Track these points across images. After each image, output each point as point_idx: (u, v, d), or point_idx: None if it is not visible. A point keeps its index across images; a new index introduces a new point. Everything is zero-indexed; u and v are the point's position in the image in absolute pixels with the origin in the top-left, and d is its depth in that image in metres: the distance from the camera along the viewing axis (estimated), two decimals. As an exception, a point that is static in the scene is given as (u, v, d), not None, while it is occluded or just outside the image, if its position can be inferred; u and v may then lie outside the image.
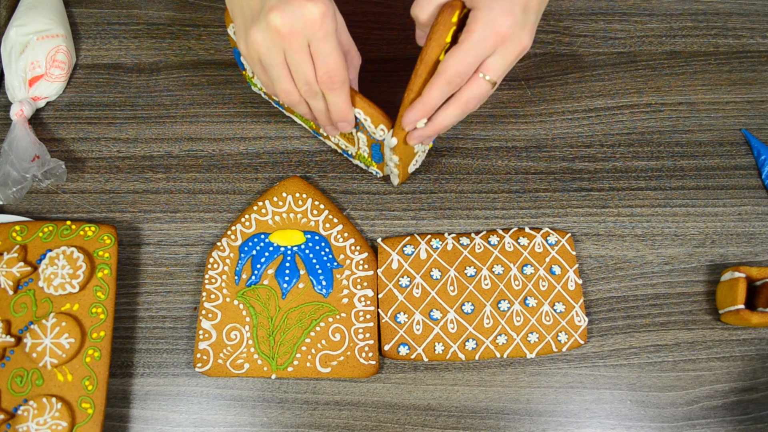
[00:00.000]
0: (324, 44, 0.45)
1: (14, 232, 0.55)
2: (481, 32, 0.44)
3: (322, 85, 0.47)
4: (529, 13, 0.46)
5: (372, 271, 0.56)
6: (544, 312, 0.55)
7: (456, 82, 0.46)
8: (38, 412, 0.49)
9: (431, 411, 0.54)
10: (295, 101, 0.49)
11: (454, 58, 0.45)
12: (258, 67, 0.48)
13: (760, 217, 0.60)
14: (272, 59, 0.46)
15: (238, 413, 0.53)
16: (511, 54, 0.46)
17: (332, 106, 0.49)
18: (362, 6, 0.68)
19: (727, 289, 0.55)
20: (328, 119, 0.51)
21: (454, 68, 0.45)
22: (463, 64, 0.45)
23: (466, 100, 0.48)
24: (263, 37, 0.45)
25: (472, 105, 0.48)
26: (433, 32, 0.46)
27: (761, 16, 0.69)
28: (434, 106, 0.48)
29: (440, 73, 0.46)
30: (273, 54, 0.46)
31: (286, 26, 0.44)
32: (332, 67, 0.46)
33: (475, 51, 0.45)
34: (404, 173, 0.57)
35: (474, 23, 0.45)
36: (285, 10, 0.43)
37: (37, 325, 0.51)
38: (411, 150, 0.54)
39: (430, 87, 0.47)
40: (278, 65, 0.46)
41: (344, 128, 0.51)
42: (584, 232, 0.59)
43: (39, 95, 0.62)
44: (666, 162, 0.62)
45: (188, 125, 0.63)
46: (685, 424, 0.53)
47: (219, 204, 0.60)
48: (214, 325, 0.54)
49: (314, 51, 0.45)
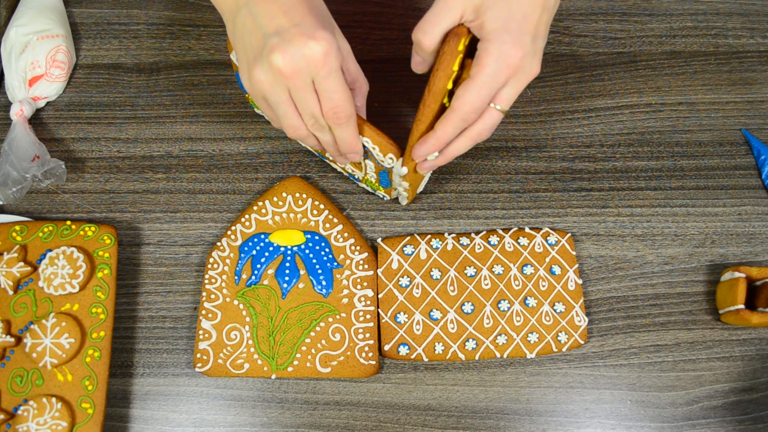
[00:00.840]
0: (328, 81, 0.44)
1: (14, 232, 0.55)
2: (494, 66, 0.44)
3: (329, 120, 0.47)
4: (538, 40, 0.45)
5: (372, 271, 0.56)
6: (544, 312, 0.55)
7: (471, 119, 0.46)
8: (38, 412, 0.49)
9: (431, 411, 0.54)
10: (303, 136, 0.49)
11: (468, 95, 0.45)
12: (263, 104, 0.48)
13: (760, 217, 0.60)
14: (277, 97, 0.46)
15: (238, 413, 0.53)
16: (522, 84, 0.46)
17: (340, 139, 0.49)
18: (362, 6, 0.68)
19: (727, 289, 0.55)
20: (337, 150, 0.51)
21: (469, 105, 0.45)
22: (478, 100, 0.45)
23: (478, 132, 0.48)
24: (266, 77, 0.44)
25: (485, 135, 0.48)
26: (440, 62, 0.45)
27: (761, 16, 0.69)
28: (447, 141, 0.48)
29: (455, 110, 0.46)
30: (277, 92, 0.45)
31: (288, 66, 0.43)
32: (338, 103, 0.45)
33: (489, 86, 0.45)
34: (413, 195, 0.57)
35: (486, 56, 0.44)
36: (286, 51, 0.43)
37: (37, 325, 0.51)
38: (420, 176, 0.54)
39: (445, 123, 0.47)
40: (283, 102, 0.46)
41: (353, 158, 0.51)
42: (584, 232, 0.59)
43: (39, 95, 0.62)
44: (666, 162, 0.62)
45: (188, 125, 0.63)
46: (685, 424, 0.53)
47: (219, 204, 0.60)
48: (214, 325, 0.54)
49: (318, 88, 0.45)
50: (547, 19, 0.46)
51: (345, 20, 0.68)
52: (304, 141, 0.50)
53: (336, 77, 0.44)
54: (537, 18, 0.44)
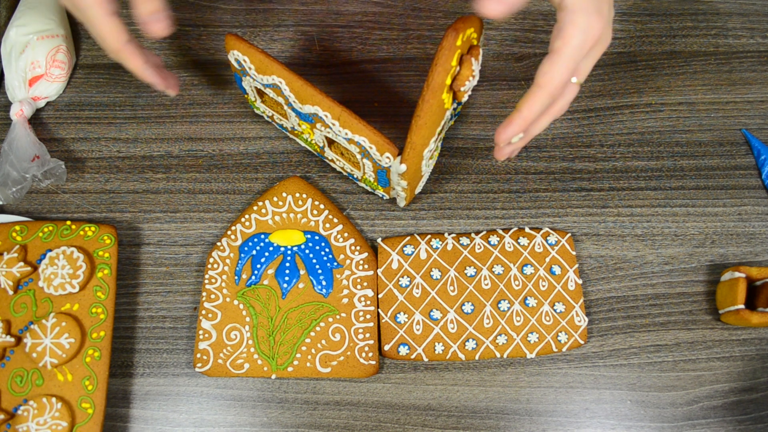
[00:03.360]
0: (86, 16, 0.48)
1: (14, 232, 0.55)
2: (581, 37, 0.42)
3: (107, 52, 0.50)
4: (611, 9, 0.44)
5: (372, 271, 0.56)
6: (544, 312, 0.55)
7: (558, 94, 0.44)
8: (38, 412, 0.49)
9: (431, 411, 0.54)
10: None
11: (557, 69, 0.43)
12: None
13: (760, 217, 0.60)
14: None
15: (238, 413, 0.53)
16: (598, 54, 0.45)
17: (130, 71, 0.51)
18: (362, 6, 0.68)
19: (727, 289, 0.55)
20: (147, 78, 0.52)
21: (558, 80, 0.43)
22: (567, 73, 0.43)
23: (561, 108, 0.46)
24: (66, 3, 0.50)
25: (563, 110, 0.47)
26: (438, 57, 0.45)
27: (761, 16, 0.69)
28: (533, 119, 0.46)
29: (542, 87, 0.44)
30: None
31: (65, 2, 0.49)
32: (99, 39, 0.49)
33: (575, 59, 0.43)
34: (411, 195, 0.57)
35: (572, 28, 0.42)
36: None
37: (37, 325, 0.51)
38: (419, 173, 0.54)
39: (532, 101, 0.45)
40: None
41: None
42: (584, 232, 0.59)
43: (39, 95, 0.62)
44: (666, 162, 0.62)
45: (188, 125, 0.63)
46: (685, 424, 0.53)
47: (219, 204, 0.60)
48: (214, 325, 0.54)
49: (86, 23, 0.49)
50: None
51: (345, 20, 0.68)
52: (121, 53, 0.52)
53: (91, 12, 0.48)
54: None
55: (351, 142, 0.52)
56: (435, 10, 0.68)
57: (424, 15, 0.68)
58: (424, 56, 0.66)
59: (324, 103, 0.50)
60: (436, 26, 0.67)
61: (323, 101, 0.50)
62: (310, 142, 0.59)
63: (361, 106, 0.53)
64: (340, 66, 0.65)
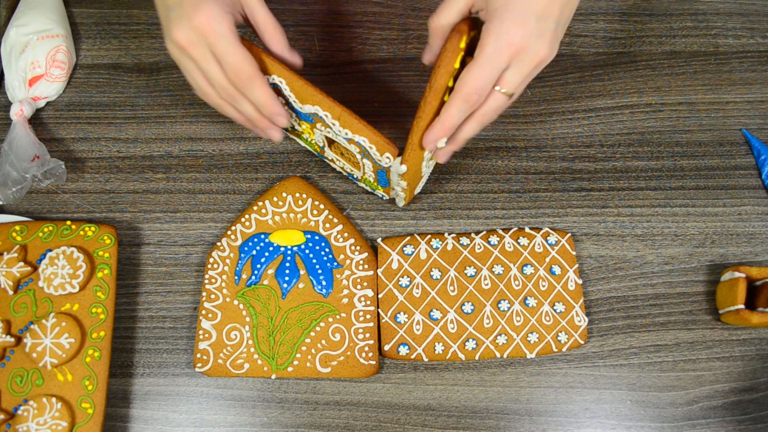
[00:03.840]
0: (219, 47, 0.46)
1: (14, 232, 0.55)
2: (494, 45, 0.43)
3: (235, 85, 0.48)
4: (547, 21, 0.43)
5: (372, 271, 0.56)
6: (544, 312, 0.55)
7: (474, 100, 0.45)
8: (38, 412, 0.49)
9: (431, 411, 0.54)
10: (218, 104, 0.50)
11: (469, 75, 0.44)
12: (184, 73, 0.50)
13: (760, 217, 0.60)
14: (186, 66, 0.48)
15: (238, 413, 0.53)
16: (527, 66, 0.45)
17: (255, 102, 0.49)
18: (362, 6, 0.68)
19: (727, 289, 0.55)
20: (262, 119, 0.51)
21: (470, 85, 0.44)
22: (479, 80, 0.44)
23: (483, 113, 0.47)
24: (172, 49, 0.47)
25: (489, 117, 0.47)
26: (442, 58, 0.45)
27: (761, 16, 0.69)
28: (454, 125, 0.47)
29: (457, 91, 0.45)
30: (185, 62, 0.48)
31: (183, 39, 0.46)
32: (234, 65, 0.46)
33: (490, 66, 0.44)
34: (410, 196, 0.57)
35: (486, 36, 0.43)
36: (179, 24, 0.45)
37: (37, 325, 0.51)
38: (419, 174, 0.54)
39: (449, 106, 0.46)
40: (193, 71, 0.48)
41: (280, 122, 0.51)
42: (584, 232, 0.59)
43: (39, 95, 0.62)
44: (666, 162, 0.62)
45: (188, 125, 0.63)
46: (685, 424, 0.53)
47: (219, 204, 0.60)
48: (214, 325, 0.54)
49: (216, 55, 0.46)
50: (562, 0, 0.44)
51: (345, 20, 0.68)
52: (222, 110, 0.51)
53: (225, 40, 0.45)
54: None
55: (351, 142, 0.52)
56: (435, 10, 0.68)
57: (424, 15, 0.68)
58: (424, 56, 0.66)
59: (324, 102, 0.50)
60: (436, 26, 0.67)
61: (323, 101, 0.50)
62: (310, 142, 0.59)
63: (361, 106, 0.53)
64: (340, 66, 0.65)
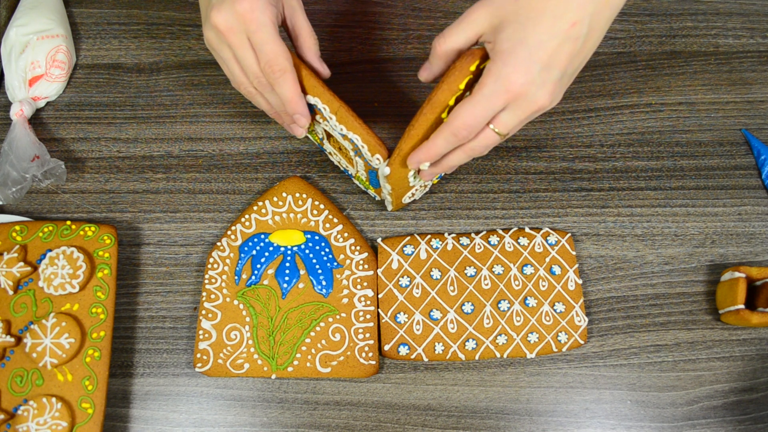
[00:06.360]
0: (258, 35, 0.46)
1: (14, 232, 0.55)
2: (492, 87, 0.43)
3: (266, 75, 0.48)
4: (552, 71, 0.43)
5: (372, 271, 0.56)
6: (544, 312, 0.55)
7: (462, 135, 0.45)
8: (38, 412, 0.49)
9: (431, 411, 0.54)
10: (250, 93, 0.51)
11: (463, 110, 0.44)
12: (218, 61, 0.50)
13: (760, 217, 0.60)
14: (222, 54, 0.48)
15: (238, 413, 0.53)
16: (523, 112, 0.44)
17: (282, 96, 0.49)
18: (362, 6, 0.68)
19: (727, 289, 0.55)
20: (286, 114, 0.52)
21: (461, 120, 0.44)
22: (471, 116, 0.44)
23: (472, 147, 0.47)
24: (210, 35, 0.48)
25: (478, 152, 0.48)
26: (448, 76, 0.45)
27: (761, 16, 0.69)
28: (438, 153, 0.47)
29: (448, 123, 0.45)
30: (222, 50, 0.48)
31: (223, 23, 0.46)
32: (270, 56, 0.46)
33: (484, 105, 0.44)
34: (397, 203, 0.57)
35: (487, 76, 0.43)
36: (221, 9, 0.45)
37: (37, 325, 0.51)
38: (405, 183, 0.54)
39: (437, 135, 0.46)
40: (228, 60, 0.48)
41: (300, 122, 0.52)
42: (584, 232, 0.59)
43: (39, 95, 0.62)
44: (666, 162, 0.62)
45: (188, 125, 0.63)
46: (685, 424, 0.53)
47: (219, 204, 0.60)
48: (214, 325, 0.54)
49: (252, 43, 0.47)
50: (570, 50, 0.42)
51: (345, 20, 0.68)
52: (254, 99, 0.52)
53: (265, 31, 0.46)
54: (554, 47, 0.42)
55: (345, 139, 0.52)
56: (435, 10, 0.68)
57: (424, 15, 0.68)
58: (424, 56, 0.65)
59: (324, 95, 0.50)
60: (436, 26, 0.67)
61: (324, 93, 0.50)
62: (311, 132, 0.59)
63: (360, 106, 0.53)
64: (340, 66, 0.65)
